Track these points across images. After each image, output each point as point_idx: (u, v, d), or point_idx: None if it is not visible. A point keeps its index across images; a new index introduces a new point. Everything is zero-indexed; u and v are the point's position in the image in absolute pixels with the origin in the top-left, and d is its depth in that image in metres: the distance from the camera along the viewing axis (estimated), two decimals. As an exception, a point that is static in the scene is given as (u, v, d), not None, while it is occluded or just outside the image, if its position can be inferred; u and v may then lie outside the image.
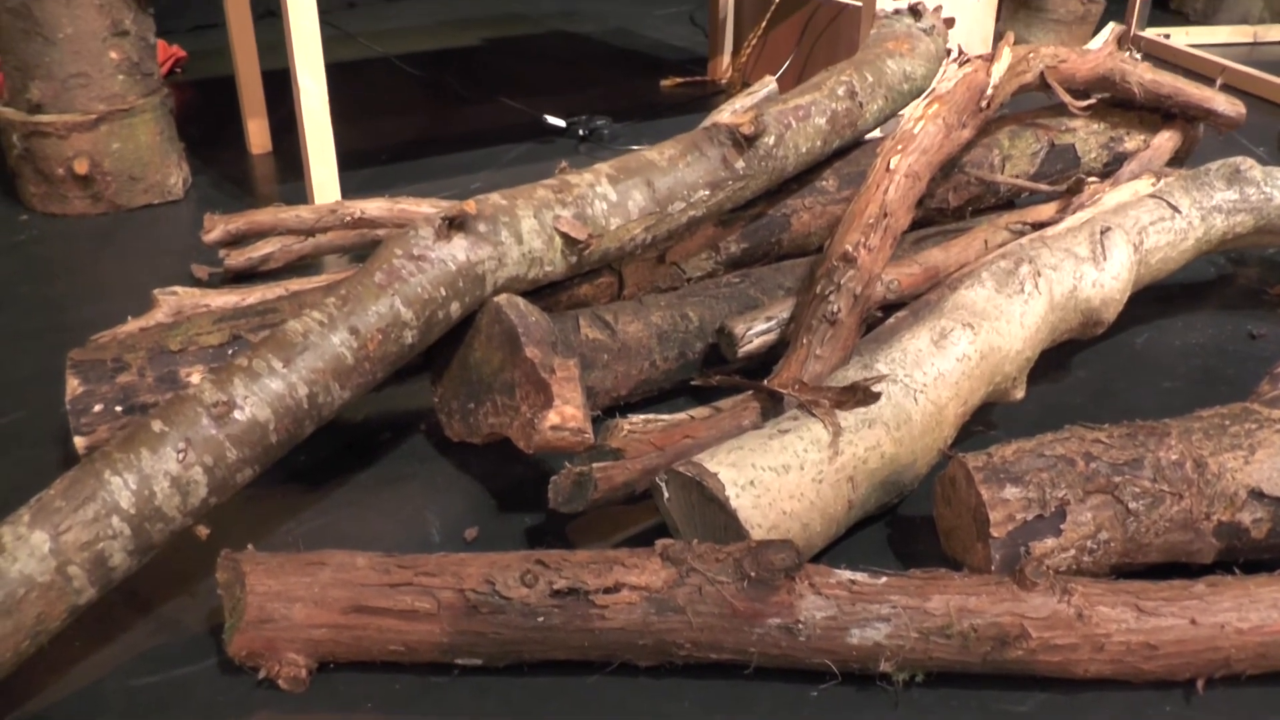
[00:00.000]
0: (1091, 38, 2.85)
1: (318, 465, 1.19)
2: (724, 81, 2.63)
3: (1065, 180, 1.51)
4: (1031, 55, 1.42)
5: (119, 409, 1.12)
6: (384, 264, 1.01)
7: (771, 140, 1.23)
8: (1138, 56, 1.53)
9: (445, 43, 3.11)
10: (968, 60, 1.35)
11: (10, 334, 1.47)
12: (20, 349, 1.43)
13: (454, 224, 1.03)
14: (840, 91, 1.33)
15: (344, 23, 3.29)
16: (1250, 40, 3.08)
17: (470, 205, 1.05)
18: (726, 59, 2.65)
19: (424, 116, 2.38)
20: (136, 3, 1.81)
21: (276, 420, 0.95)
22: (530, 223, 1.09)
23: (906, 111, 1.28)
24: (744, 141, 1.21)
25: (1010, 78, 1.36)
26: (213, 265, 1.58)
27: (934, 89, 1.29)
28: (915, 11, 1.60)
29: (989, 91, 1.30)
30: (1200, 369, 1.37)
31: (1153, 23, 3.05)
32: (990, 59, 1.35)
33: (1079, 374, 1.36)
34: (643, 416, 1.11)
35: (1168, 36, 2.97)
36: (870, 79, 1.38)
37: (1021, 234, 1.39)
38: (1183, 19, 3.42)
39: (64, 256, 1.69)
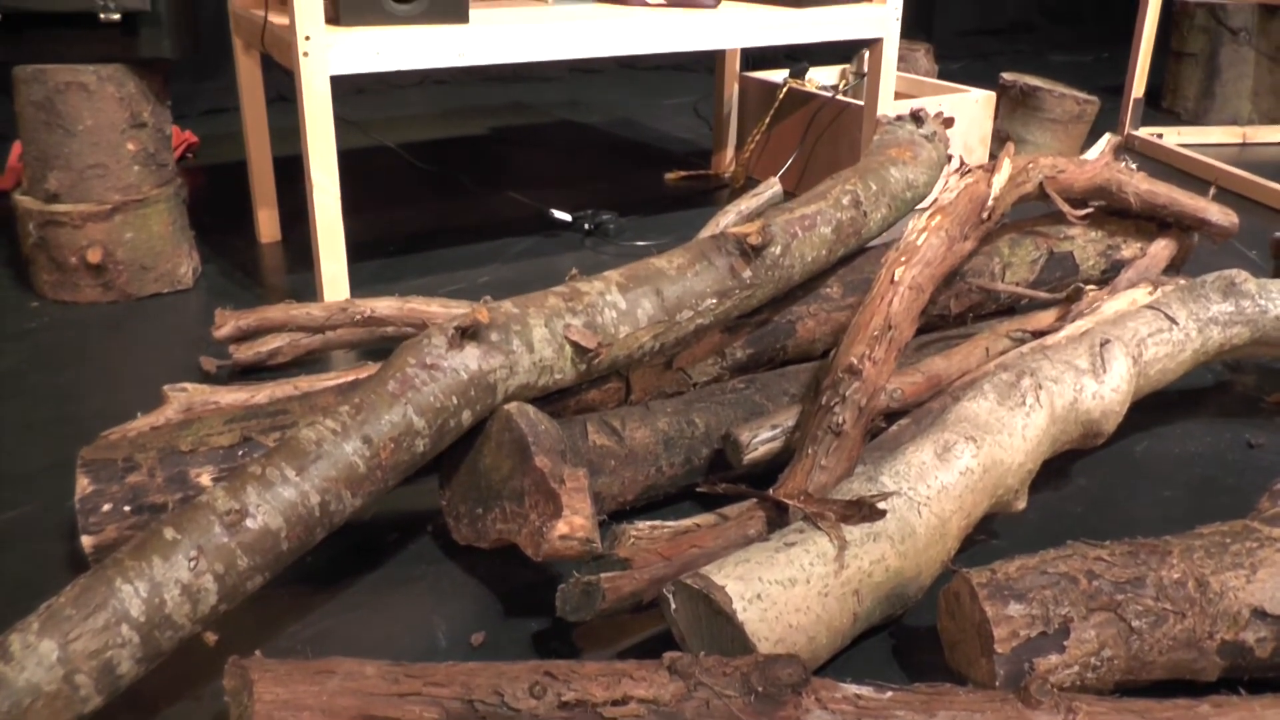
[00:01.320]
0: (1087, 136, 2.91)
1: (324, 566, 1.20)
2: (727, 175, 2.67)
3: (1064, 288, 1.54)
4: (1031, 166, 1.45)
5: (127, 509, 1.13)
6: (397, 372, 1.03)
7: (778, 250, 1.26)
8: (1133, 167, 1.57)
9: (453, 131, 3.17)
10: (969, 171, 1.38)
11: (19, 424, 1.48)
12: (29, 440, 1.44)
13: (467, 333, 1.05)
14: (845, 200, 1.36)
15: (353, 108, 3.36)
16: (1240, 141, 3.15)
17: (483, 314, 1.07)
18: (730, 153, 2.70)
19: (432, 207, 2.41)
20: (155, 95, 1.85)
21: (288, 528, 0.96)
22: (541, 331, 1.11)
23: (910, 222, 1.30)
24: (751, 251, 1.23)
25: (1011, 188, 1.40)
26: (221, 358, 1.59)
27: (937, 199, 1.32)
28: (917, 118, 1.63)
29: (990, 203, 1.33)
30: (1200, 478, 1.39)
31: (1146, 122, 3.12)
32: (991, 170, 1.38)
33: (1079, 482, 1.38)
34: (649, 523, 1.12)
35: (1160, 136, 3.04)
36: (874, 188, 1.41)
37: (1022, 342, 1.41)
38: (1174, 118, 3.50)
39: (74, 345, 1.70)
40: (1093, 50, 4.94)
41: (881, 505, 1.01)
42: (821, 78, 2.78)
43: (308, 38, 1.60)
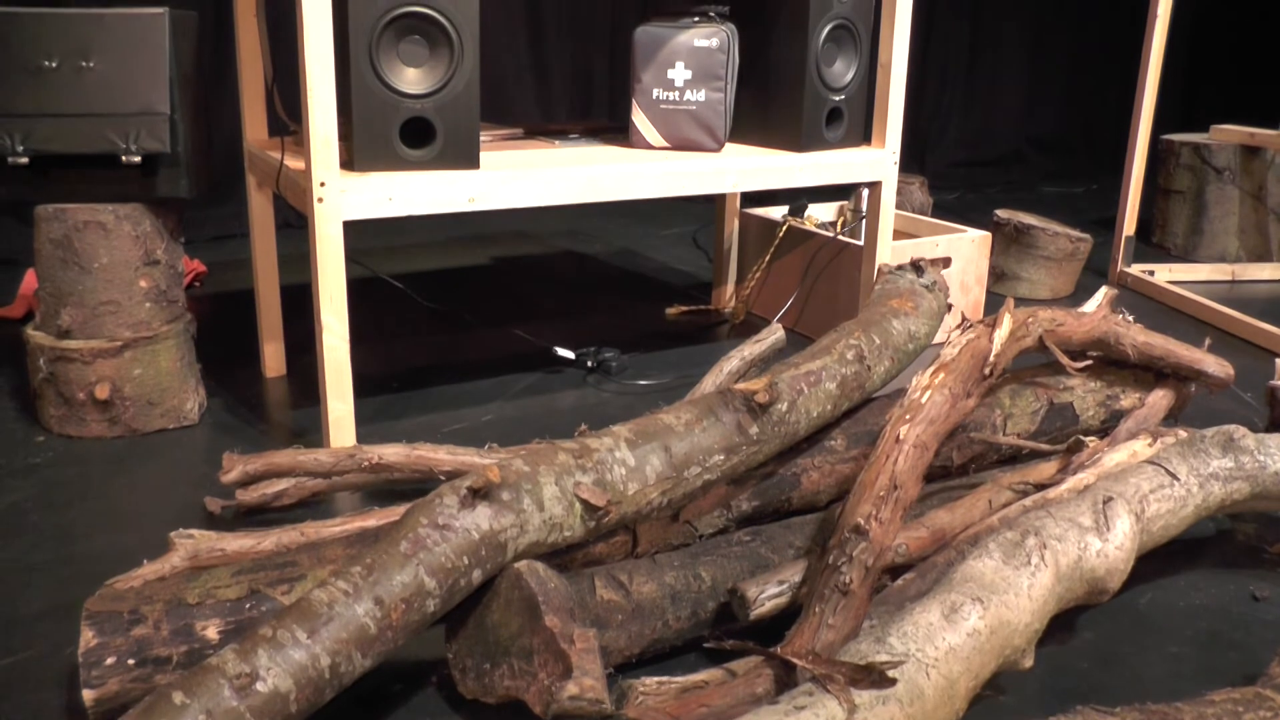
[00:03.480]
0: (1080, 273, 2.97)
1: (327, 718, 1.18)
2: (728, 311, 2.71)
3: (1065, 438, 1.56)
4: (1030, 320, 1.48)
5: (131, 661, 1.12)
6: (409, 532, 1.03)
7: (785, 406, 1.28)
8: (1130, 319, 1.60)
9: (456, 261, 3.22)
10: (970, 326, 1.41)
11: (21, 565, 1.47)
12: (30, 582, 1.43)
13: (478, 493, 1.06)
14: (849, 355, 1.39)
15: (358, 236, 3.42)
16: (1229, 278, 3.21)
17: (494, 473, 1.08)
18: (730, 288, 2.75)
19: (435, 342, 2.44)
20: (169, 232, 1.89)
21: (298, 690, 0.96)
22: (552, 489, 1.12)
23: (914, 378, 1.33)
24: (758, 409, 1.25)
25: (1011, 343, 1.42)
26: (225, 498, 1.60)
27: (939, 356, 1.34)
28: (917, 267, 1.67)
29: (992, 359, 1.36)
30: (1206, 633, 1.39)
31: (1136, 257, 3.19)
32: (992, 325, 1.41)
33: (1085, 635, 1.37)
34: (656, 679, 1.12)
35: (1152, 273, 3.10)
36: (877, 341, 1.44)
37: (1025, 494, 1.42)
38: (1164, 253, 3.57)
39: (78, 482, 1.71)
40: (1082, 181, 5.06)
41: (891, 672, 1.01)
42: (820, 213, 2.84)
43: (323, 184, 1.64)
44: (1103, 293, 1.62)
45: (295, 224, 3.42)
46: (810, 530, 1.34)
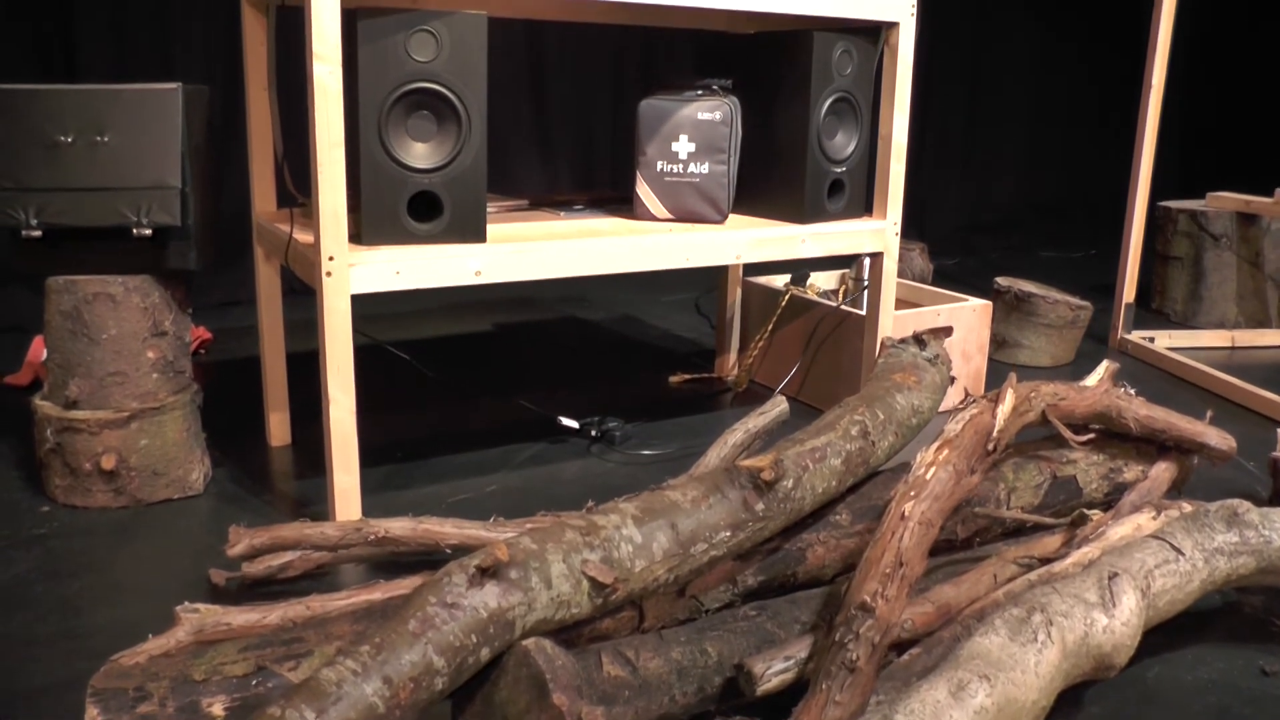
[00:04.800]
0: (1080, 340, 2.99)
1: (331, 799, 1.18)
2: (730, 379, 2.72)
3: (1068, 512, 1.56)
4: (1033, 395, 1.49)
5: (137, 739, 1.12)
6: (418, 611, 1.04)
7: (790, 483, 1.29)
8: (1132, 392, 1.61)
9: (460, 328, 3.24)
10: (974, 401, 1.42)
11: (24, 638, 1.47)
12: (33, 656, 1.43)
13: (486, 572, 1.06)
14: (854, 431, 1.40)
15: (360, 302, 3.44)
16: (1229, 345, 3.22)
17: (502, 551, 1.08)
18: (733, 357, 2.76)
19: (440, 411, 2.45)
20: (177, 303, 1.91)
21: (304, 772, 0.95)
22: (559, 567, 1.12)
23: (918, 454, 1.33)
24: (764, 486, 1.26)
25: (1014, 419, 1.43)
26: (230, 569, 1.60)
27: (944, 432, 1.35)
28: (920, 341, 1.69)
29: (995, 434, 1.37)
30: (1214, 707, 1.38)
31: (1137, 323, 3.21)
32: (995, 400, 1.42)
33: (1092, 710, 1.37)
34: (662, 758, 1.12)
35: (1152, 340, 3.11)
36: (881, 416, 1.45)
37: (1030, 568, 1.42)
38: (1164, 319, 3.59)
39: (83, 553, 1.71)
40: (1081, 247, 5.09)
41: (900, 753, 1.01)
42: (822, 281, 2.87)
43: (331, 257, 1.66)
44: (1104, 366, 1.64)
45: (299, 290, 3.44)
46: (816, 605, 1.34)
